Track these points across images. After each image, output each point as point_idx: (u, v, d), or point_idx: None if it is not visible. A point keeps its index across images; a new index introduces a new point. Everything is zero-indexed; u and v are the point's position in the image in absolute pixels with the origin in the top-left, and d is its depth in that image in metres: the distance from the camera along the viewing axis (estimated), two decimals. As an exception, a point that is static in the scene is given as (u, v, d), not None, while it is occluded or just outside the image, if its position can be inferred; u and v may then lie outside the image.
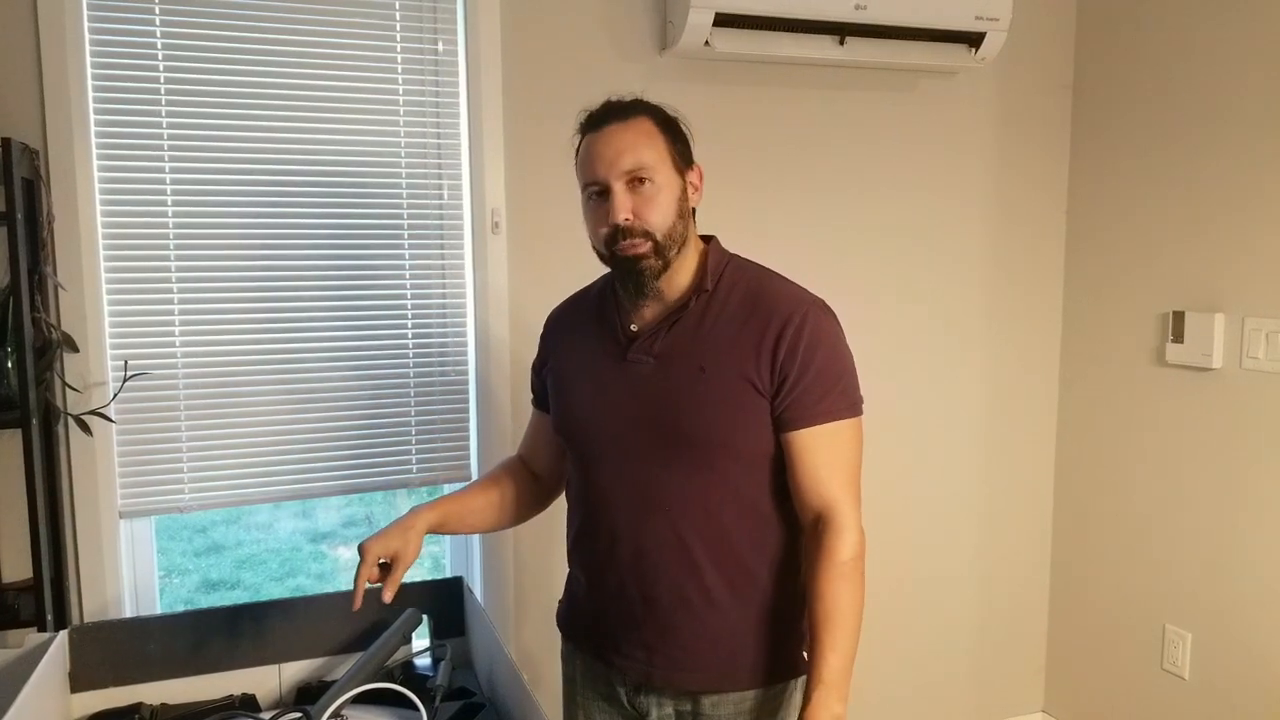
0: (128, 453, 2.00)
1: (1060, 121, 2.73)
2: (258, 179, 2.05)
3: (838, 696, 1.30)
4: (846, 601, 1.34)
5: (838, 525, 1.36)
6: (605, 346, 1.47)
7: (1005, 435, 2.80)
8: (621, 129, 1.38)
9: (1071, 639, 2.84)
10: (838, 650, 1.31)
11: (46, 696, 1.38)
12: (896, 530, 2.70)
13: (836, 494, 1.37)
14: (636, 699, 1.47)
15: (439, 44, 2.16)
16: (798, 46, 2.26)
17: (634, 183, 1.36)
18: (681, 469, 1.39)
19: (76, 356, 1.91)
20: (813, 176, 2.49)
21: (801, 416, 1.36)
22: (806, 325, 1.37)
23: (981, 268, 2.71)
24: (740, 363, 1.37)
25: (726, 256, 1.48)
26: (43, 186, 1.85)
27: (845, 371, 1.41)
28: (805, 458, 1.37)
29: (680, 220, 1.40)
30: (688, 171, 1.44)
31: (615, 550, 1.45)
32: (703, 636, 1.41)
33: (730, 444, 1.38)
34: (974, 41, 2.38)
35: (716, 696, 1.42)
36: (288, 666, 1.61)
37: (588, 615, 1.53)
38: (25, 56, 1.85)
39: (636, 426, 1.41)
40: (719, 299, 1.42)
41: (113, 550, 1.99)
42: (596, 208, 1.40)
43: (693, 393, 1.38)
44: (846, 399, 1.40)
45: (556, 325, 1.62)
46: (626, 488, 1.43)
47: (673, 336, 1.41)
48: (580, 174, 1.43)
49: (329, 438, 2.15)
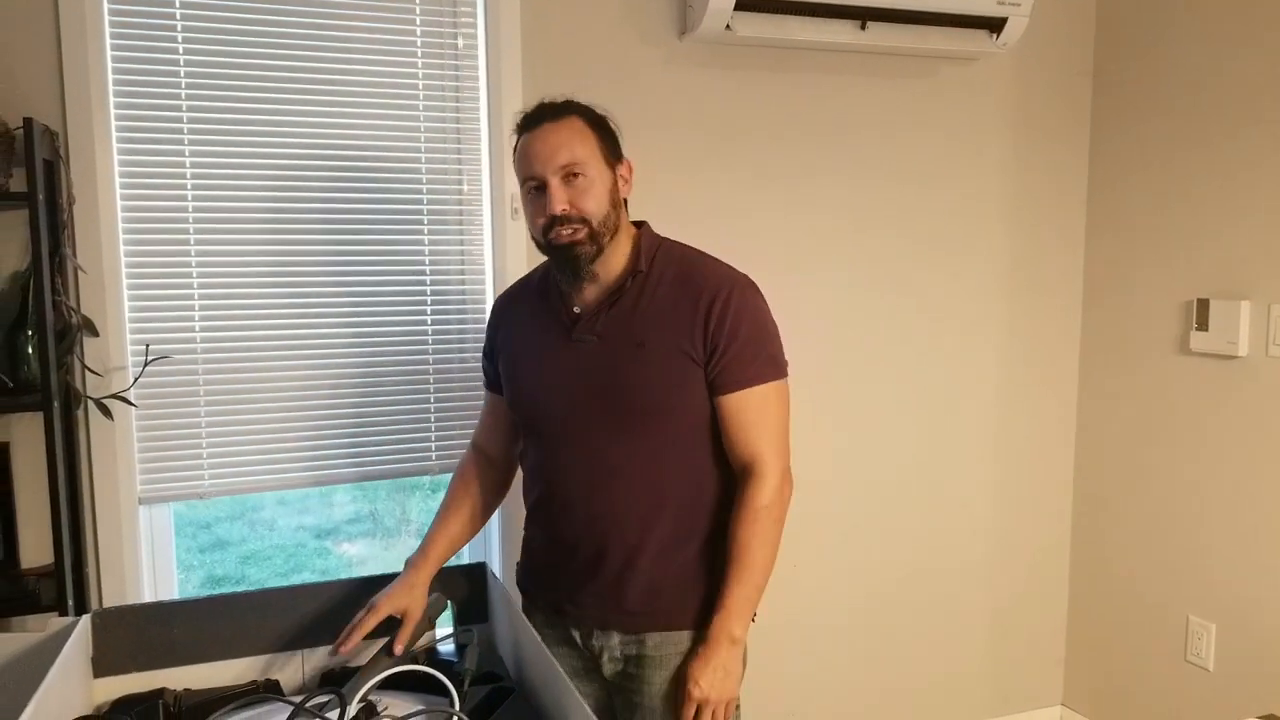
0: (147, 438, 1.99)
1: (1080, 108, 2.72)
2: (277, 164, 2.03)
3: (738, 622, 1.52)
4: (758, 542, 1.52)
5: (759, 475, 1.53)
6: (551, 328, 1.61)
7: (1024, 425, 2.78)
8: (555, 128, 1.51)
9: (1091, 631, 2.82)
10: (742, 583, 1.52)
11: (71, 681, 1.36)
12: (913, 521, 2.69)
13: (762, 448, 1.54)
14: (589, 641, 1.63)
15: (459, 39, 2.15)
16: (819, 30, 2.25)
17: (569, 177, 1.50)
18: (629, 437, 1.55)
19: (96, 340, 1.90)
20: (831, 163, 2.48)
21: (731, 381, 1.53)
22: (733, 299, 1.52)
23: (1001, 255, 2.69)
24: (676, 336, 1.52)
25: (658, 240, 1.62)
26: (63, 167, 1.84)
27: (769, 340, 1.57)
28: (735, 418, 1.54)
29: (613, 209, 1.54)
30: (618, 165, 1.57)
31: (572, 513, 1.61)
32: (650, 586, 1.57)
33: (672, 411, 1.54)
34: (995, 27, 2.37)
35: (659, 636, 1.58)
36: (311, 652, 1.59)
37: (545, 571, 1.69)
38: (45, 37, 1.84)
39: (585, 400, 1.56)
40: (653, 279, 1.56)
41: (132, 536, 1.98)
42: (535, 201, 1.53)
43: (634, 366, 1.53)
44: (772, 364, 1.56)
45: (503, 312, 1.75)
46: (580, 458, 1.58)
47: (613, 315, 1.55)
48: (519, 170, 1.56)
49: (348, 424, 2.14)
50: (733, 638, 1.52)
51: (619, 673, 1.63)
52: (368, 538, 4.66)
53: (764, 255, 2.41)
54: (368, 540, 4.63)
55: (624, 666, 1.62)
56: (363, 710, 1.26)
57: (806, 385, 2.45)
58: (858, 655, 2.68)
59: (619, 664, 1.63)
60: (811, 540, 2.56)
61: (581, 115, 1.54)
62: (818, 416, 2.52)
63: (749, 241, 2.40)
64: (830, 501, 2.58)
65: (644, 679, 1.60)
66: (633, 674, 1.62)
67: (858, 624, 2.67)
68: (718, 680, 1.51)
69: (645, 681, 1.60)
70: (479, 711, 1.30)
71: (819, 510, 2.56)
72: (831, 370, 2.54)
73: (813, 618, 2.61)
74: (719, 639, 1.51)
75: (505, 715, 1.31)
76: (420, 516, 4.43)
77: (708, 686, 1.51)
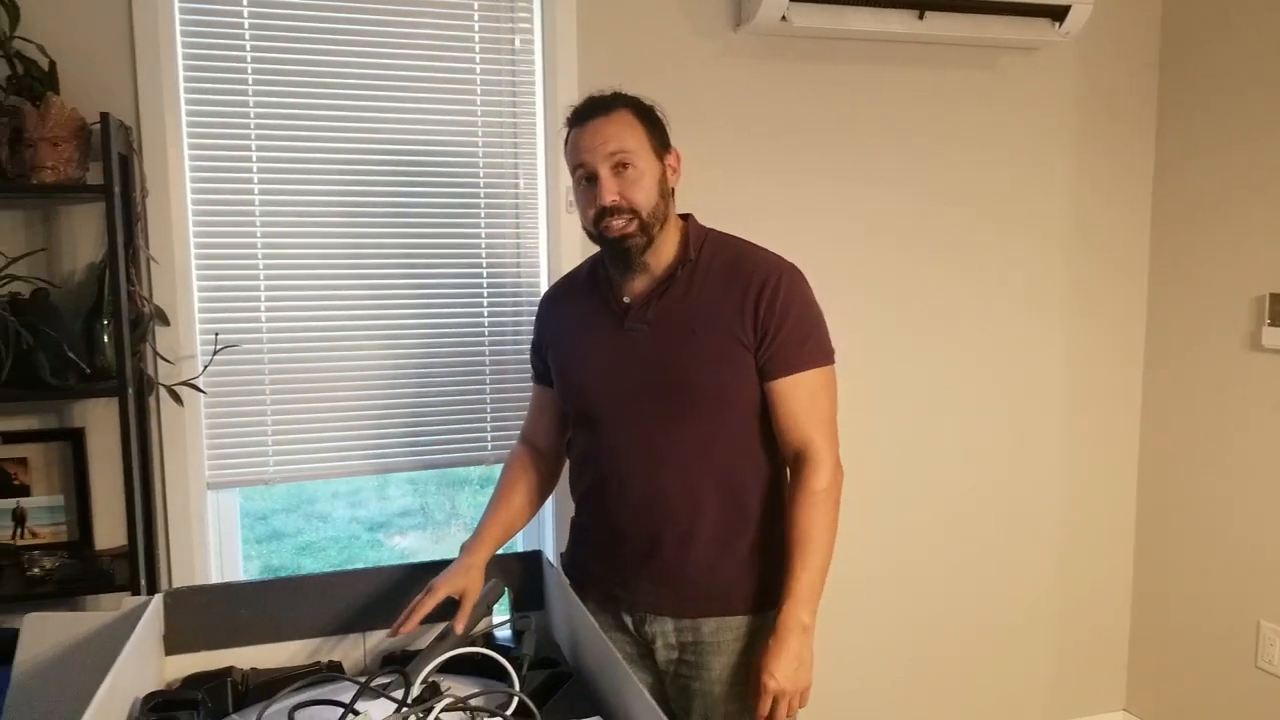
0: (215, 425, 2.05)
1: (1146, 99, 2.66)
2: (340, 159, 2.08)
3: (806, 609, 1.51)
4: (819, 527, 1.53)
5: (813, 460, 1.54)
6: (601, 319, 1.63)
7: (1087, 423, 2.73)
8: (604, 120, 1.54)
9: (1156, 635, 2.76)
10: (808, 569, 1.51)
11: (144, 657, 1.40)
12: (974, 521, 2.66)
13: (812, 433, 1.55)
14: (643, 628, 1.64)
15: (515, 39, 2.17)
16: (876, 21, 2.23)
17: (618, 168, 1.53)
18: (682, 422, 1.56)
19: (167, 329, 1.96)
20: (888, 156, 2.46)
21: (783, 366, 1.54)
22: (782, 285, 1.54)
23: (1063, 250, 2.65)
24: (727, 322, 1.54)
25: (705, 230, 1.64)
26: (137, 161, 1.90)
27: (817, 325, 1.59)
28: (785, 403, 1.55)
29: (662, 200, 1.56)
30: (666, 155, 1.59)
31: (625, 500, 1.62)
32: (703, 570, 1.59)
33: (723, 397, 1.56)
34: (1058, 15, 2.33)
35: (715, 622, 1.59)
36: (373, 635, 1.62)
37: (598, 557, 1.70)
38: (119, 34, 1.90)
39: (638, 388, 1.57)
40: (702, 268, 1.58)
41: (200, 520, 2.03)
42: (585, 192, 1.56)
43: (686, 353, 1.55)
44: (820, 349, 1.58)
45: (552, 306, 1.77)
46: (634, 444, 1.60)
47: (663, 304, 1.57)
48: (570, 162, 1.59)
49: (407, 414, 2.18)
50: (803, 625, 1.51)
51: (674, 659, 1.64)
52: (418, 530, 4.72)
53: (822, 248, 2.40)
54: (418, 533, 4.70)
55: (680, 653, 1.63)
56: (426, 690, 1.28)
57: (864, 381, 2.45)
58: (917, 657, 2.66)
59: (674, 650, 1.63)
60: (870, 540, 2.54)
61: (629, 107, 1.57)
62: (874, 414, 2.50)
63: (807, 235, 2.39)
64: (888, 501, 2.56)
65: (703, 665, 1.61)
66: (690, 660, 1.62)
67: (918, 624, 2.64)
68: (791, 670, 1.50)
69: (704, 668, 1.60)
70: (538, 695, 1.32)
71: (877, 510, 2.54)
72: (892, 367, 2.52)
73: (871, 618, 2.59)
74: (789, 628, 1.50)
75: (564, 699, 1.33)
76: (469, 511, 4.49)
77: (782, 678, 1.49)
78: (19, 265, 1.82)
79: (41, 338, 1.79)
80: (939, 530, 2.63)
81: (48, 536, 1.97)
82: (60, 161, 1.76)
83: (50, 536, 1.97)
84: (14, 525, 1.95)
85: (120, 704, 1.25)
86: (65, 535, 1.98)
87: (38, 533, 1.97)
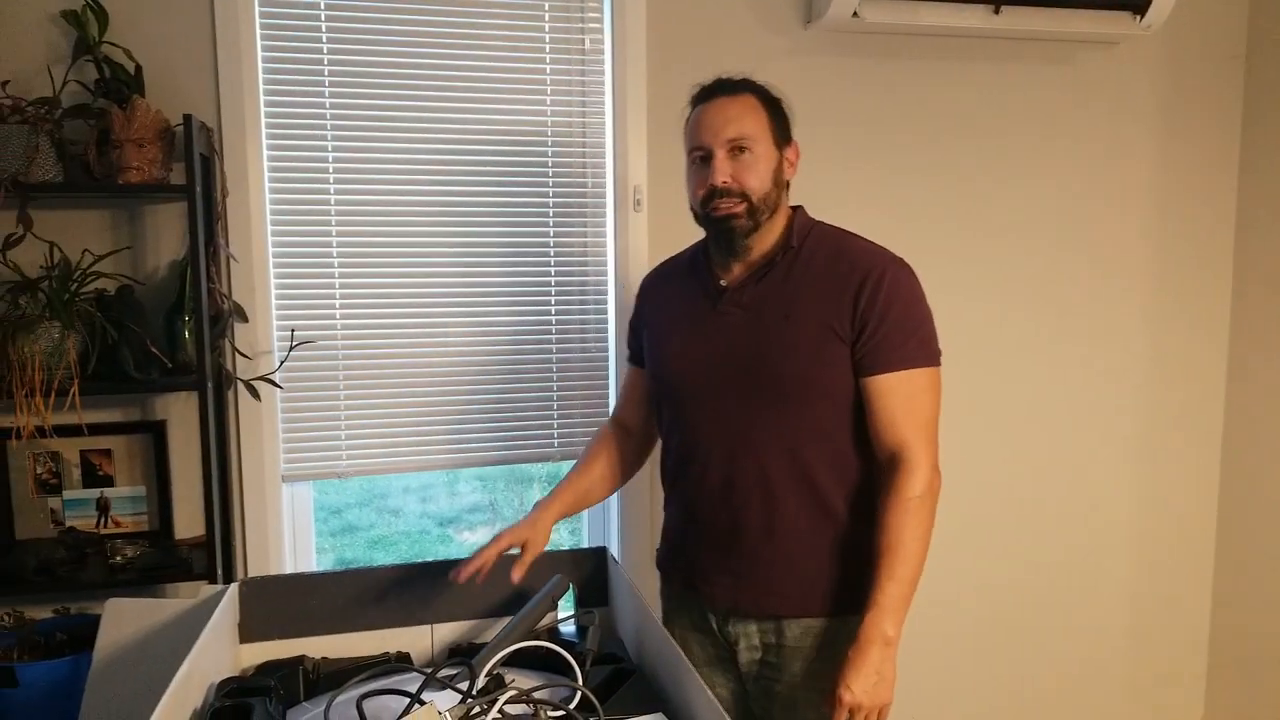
0: (291, 419, 2.09)
1: (1231, 95, 2.57)
2: (413, 159, 2.11)
3: (891, 621, 1.43)
4: (910, 535, 1.45)
5: (909, 464, 1.48)
6: (698, 300, 1.62)
7: (1168, 426, 2.65)
8: (729, 102, 1.53)
9: (1236, 644, 2.67)
10: (895, 579, 1.44)
11: (220, 644, 1.44)
12: (1050, 526, 2.59)
13: (909, 436, 1.49)
14: (726, 627, 1.61)
15: (585, 40, 2.18)
16: (950, 15, 2.19)
17: (734, 151, 1.51)
18: (767, 408, 1.53)
19: (245, 325, 2.01)
20: (963, 154, 2.41)
21: (879, 362, 1.49)
22: (886, 278, 1.49)
23: (1143, 253, 2.57)
24: (823, 311, 1.50)
25: (812, 222, 1.62)
26: (217, 162, 1.95)
27: (922, 323, 1.52)
28: (882, 401, 1.49)
29: (775, 189, 1.54)
30: (785, 147, 1.57)
31: (706, 484, 1.59)
32: (784, 563, 1.55)
33: (812, 384, 1.51)
34: (1139, 8, 2.26)
35: (799, 625, 1.55)
36: (440, 627, 1.65)
37: (680, 548, 1.68)
38: (202, 38, 1.96)
39: (727, 370, 1.55)
40: (804, 256, 1.55)
41: (275, 511, 2.08)
42: (698, 171, 1.55)
43: (778, 338, 1.51)
44: (924, 349, 1.51)
45: (652, 285, 1.77)
46: (717, 426, 1.57)
47: (760, 289, 1.55)
48: (687, 140, 1.57)
49: (475, 410, 2.20)
50: (886, 638, 1.43)
51: (756, 660, 1.61)
52: (486, 526, 4.78)
53: (894, 248, 2.36)
54: (487, 529, 4.75)
55: (762, 655, 1.60)
56: (491, 682, 1.30)
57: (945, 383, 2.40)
58: (992, 664, 2.60)
59: (757, 652, 1.60)
60: (944, 546, 2.47)
61: (756, 93, 1.55)
62: (949, 416, 2.45)
63: (877, 233, 2.35)
64: (963, 506, 2.51)
65: (783, 668, 1.58)
66: (772, 662, 1.59)
67: (994, 631, 2.59)
68: (870, 685, 1.42)
69: (785, 670, 1.58)
70: (601, 690, 1.32)
71: (951, 515, 2.47)
72: (965, 368, 2.47)
73: (945, 625, 2.55)
74: (871, 640, 1.43)
75: (627, 695, 1.33)
76: (537, 508, 4.53)
77: (860, 692, 1.42)
78: (105, 263, 1.89)
79: (126, 333, 1.86)
80: (1015, 537, 2.57)
81: (130, 526, 2.04)
82: (145, 162, 1.82)
83: (132, 526, 2.04)
84: (98, 514, 2.02)
85: (196, 689, 1.29)
86: (146, 525, 2.04)
87: (120, 522, 2.04)
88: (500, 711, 1.18)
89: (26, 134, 1.76)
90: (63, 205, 1.93)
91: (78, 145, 1.84)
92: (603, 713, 1.21)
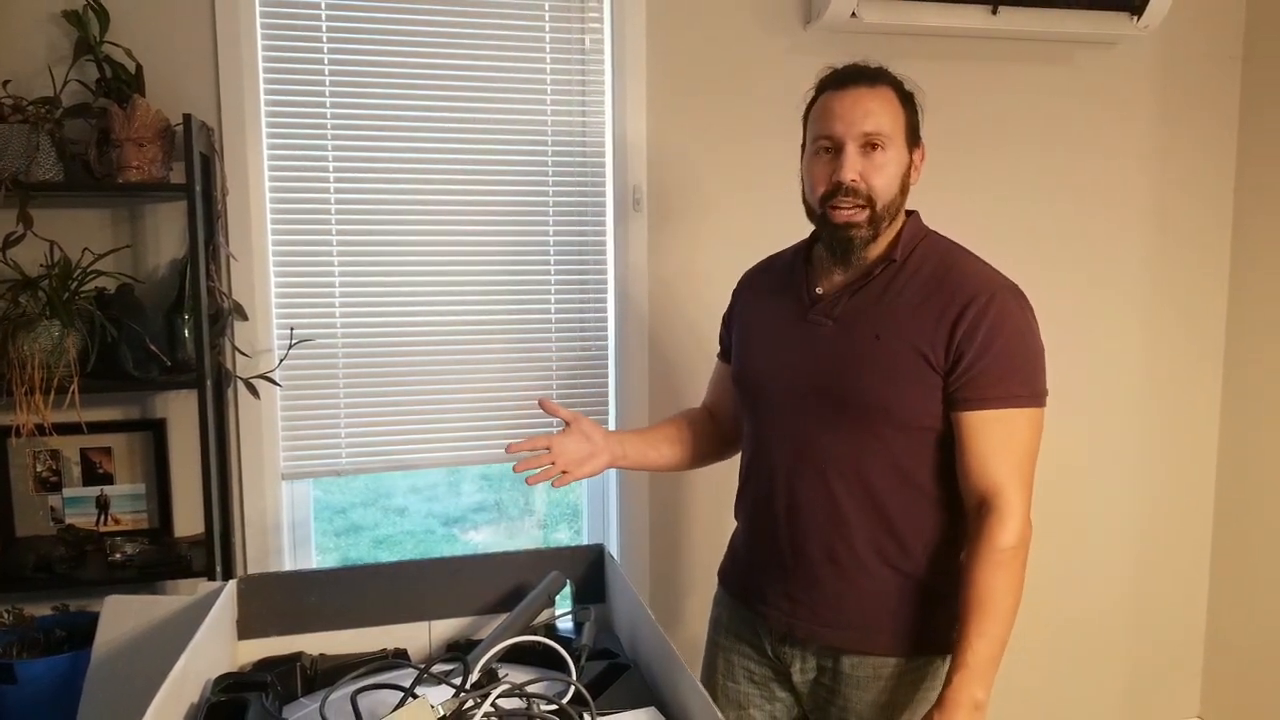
0: (290, 417, 2.11)
1: (1229, 95, 2.57)
2: (413, 159, 2.12)
3: (981, 683, 1.31)
4: (1001, 590, 1.33)
5: (1001, 512, 1.34)
6: (789, 306, 1.51)
7: (1165, 425, 2.66)
8: (868, 93, 1.39)
9: (1232, 640, 2.67)
10: (985, 637, 1.32)
11: (218, 641, 1.45)
12: (1049, 531, 2.57)
13: (1002, 481, 1.35)
14: (780, 649, 1.52)
15: (585, 39, 2.19)
16: (949, 16, 2.20)
17: (867, 147, 1.39)
18: (842, 430, 1.42)
19: (245, 324, 2.02)
20: (961, 154, 2.42)
21: (974, 398, 1.36)
22: (992, 307, 1.36)
23: (1140, 253, 2.57)
24: (916, 335, 1.37)
25: (924, 232, 1.49)
26: (217, 161, 1.96)
27: (1029, 359, 1.38)
28: (973, 440, 1.36)
29: (900, 195, 1.43)
30: (915, 150, 1.46)
31: (771, 500, 1.50)
32: (846, 596, 1.44)
33: (892, 412, 1.39)
34: (1136, 8, 2.27)
35: (856, 658, 1.45)
36: (438, 624, 1.65)
37: (742, 562, 1.60)
38: (203, 38, 1.97)
39: (806, 384, 1.45)
40: (906, 271, 1.43)
41: (275, 509, 2.09)
42: (824, 163, 1.42)
43: (864, 358, 1.40)
44: (1027, 387, 1.37)
45: (749, 282, 1.67)
46: (788, 441, 1.47)
47: (855, 302, 1.43)
48: (812, 127, 1.44)
49: (475, 408, 2.21)
50: (976, 702, 1.30)
51: (812, 682, 1.52)
52: (492, 525, 4.77)
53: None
54: (492, 528, 4.75)
55: (818, 676, 1.51)
56: (484, 677, 1.30)
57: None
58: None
59: (811, 673, 1.51)
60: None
61: (895, 87, 1.42)
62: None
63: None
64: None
65: (843, 695, 1.48)
66: (830, 686, 1.49)
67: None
68: None
69: (845, 698, 1.47)
70: (595, 685, 1.32)
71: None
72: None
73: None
74: (959, 703, 1.29)
75: (620, 689, 1.33)
76: (543, 508, 4.52)
77: None
78: (105, 261, 1.90)
79: (125, 331, 1.87)
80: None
81: (129, 523, 2.05)
82: (145, 161, 1.83)
83: (131, 523, 2.05)
84: (98, 512, 2.03)
85: (193, 685, 1.30)
86: (146, 522, 2.05)
87: (120, 519, 2.04)
88: (493, 705, 1.18)
89: (27, 133, 1.78)
90: (63, 204, 1.94)
91: (78, 144, 1.85)
92: (595, 707, 1.22)
